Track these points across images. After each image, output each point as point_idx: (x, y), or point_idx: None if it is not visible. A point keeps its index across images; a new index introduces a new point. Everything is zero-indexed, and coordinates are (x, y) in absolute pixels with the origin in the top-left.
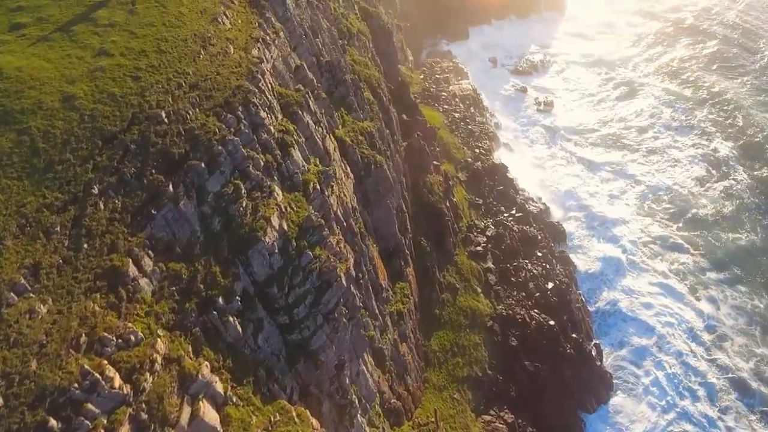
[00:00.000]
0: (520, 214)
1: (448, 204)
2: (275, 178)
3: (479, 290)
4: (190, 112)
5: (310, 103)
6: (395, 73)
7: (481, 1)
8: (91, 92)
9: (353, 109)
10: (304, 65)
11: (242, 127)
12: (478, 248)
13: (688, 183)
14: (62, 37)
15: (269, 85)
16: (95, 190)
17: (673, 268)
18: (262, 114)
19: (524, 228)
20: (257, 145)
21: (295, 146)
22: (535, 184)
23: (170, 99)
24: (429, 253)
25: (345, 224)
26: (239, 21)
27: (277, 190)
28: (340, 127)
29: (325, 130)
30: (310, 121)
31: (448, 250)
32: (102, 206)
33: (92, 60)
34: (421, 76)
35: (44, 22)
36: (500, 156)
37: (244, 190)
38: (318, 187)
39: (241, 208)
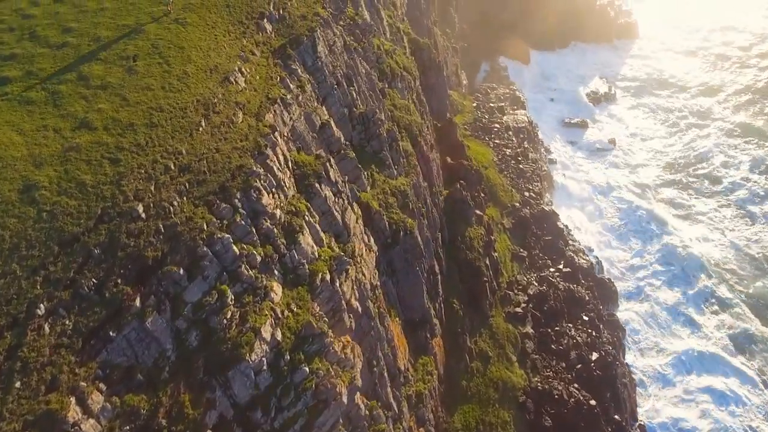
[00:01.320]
0: (568, 269)
1: (487, 261)
2: (276, 272)
3: (514, 359)
4: (176, 203)
5: (331, 172)
6: (443, 110)
7: (545, 24)
8: (58, 180)
9: (386, 166)
10: (331, 122)
11: (238, 219)
12: (518, 309)
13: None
14: (46, 100)
15: (281, 157)
16: (41, 311)
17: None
18: (266, 199)
19: (571, 286)
20: (255, 238)
21: (305, 230)
22: (588, 235)
23: (152, 188)
24: (461, 317)
25: (361, 309)
26: (257, 77)
27: (276, 288)
28: (368, 188)
29: (347, 201)
30: (329, 194)
31: (483, 311)
32: (47, 330)
33: (70, 134)
34: (474, 104)
35: (32, 78)
36: (552, 199)
37: (231, 297)
38: (328, 277)
39: (225, 320)
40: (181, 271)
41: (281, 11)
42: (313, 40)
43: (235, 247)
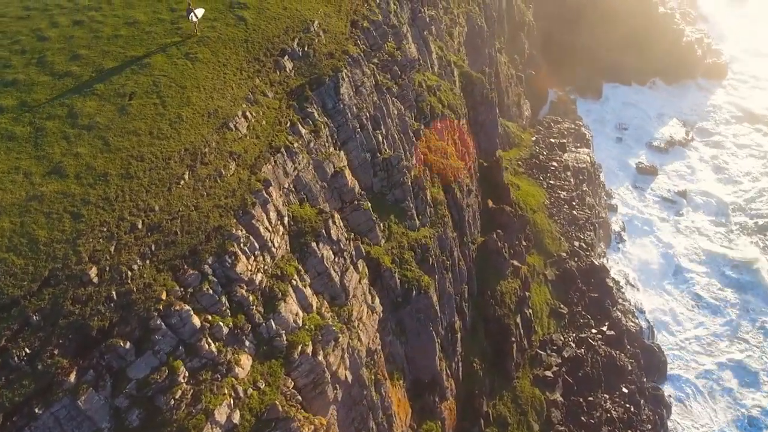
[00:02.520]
0: (612, 332)
1: (519, 319)
2: (247, 343)
3: (536, 428)
4: (135, 267)
5: (333, 229)
6: (493, 148)
7: (624, 58)
8: (10, 234)
9: (408, 217)
10: (345, 171)
11: (206, 287)
12: (548, 373)
13: None
14: (28, 136)
15: (273, 215)
16: None
17: None
18: (241, 266)
19: (613, 352)
20: (225, 307)
21: (289, 296)
22: (643, 294)
23: (112, 249)
24: (480, 378)
25: (351, 378)
26: (264, 122)
27: (244, 361)
28: (382, 242)
29: (350, 259)
30: (328, 253)
31: (507, 373)
32: None
33: (39, 180)
34: (534, 138)
35: (23, 109)
36: (605, 251)
37: (184, 374)
38: (309, 349)
39: (174, 399)
40: (128, 345)
41: (306, 48)
42: (337, 81)
43: (196, 320)
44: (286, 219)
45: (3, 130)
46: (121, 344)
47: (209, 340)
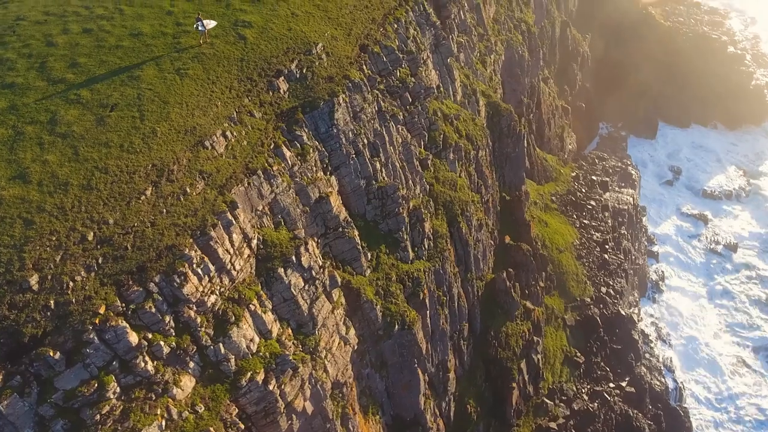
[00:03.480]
0: (632, 389)
1: (524, 363)
2: (192, 364)
3: None
4: (78, 279)
5: (305, 256)
6: (518, 182)
7: (683, 96)
8: None
9: (400, 248)
10: (331, 196)
11: (149, 305)
12: (552, 425)
13: None
14: (6, 140)
15: (237, 237)
16: None
17: None
18: (189, 287)
19: (631, 411)
20: (168, 327)
21: (245, 321)
22: (675, 352)
23: (57, 258)
24: (473, 422)
25: (312, 410)
26: (245, 142)
27: (185, 383)
28: (367, 272)
29: (322, 288)
30: (296, 280)
31: (505, 420)
32: None
33: (3, 184)
34: (574, 173)
35: (12, 112)
36: (637, 300)
37: (114, 389)
38: (260, 377)
39: (100, 414)
40: (58, 355)
41: (304, 70)
42: (332, 106)
43: (133, 337)
44: (254, 242)
45: None
46: (51, 354)
47: (147, 358)
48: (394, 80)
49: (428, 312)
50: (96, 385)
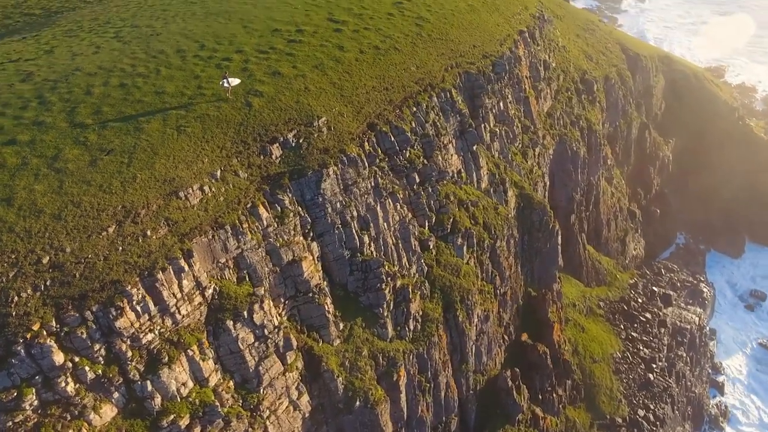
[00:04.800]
0: None
1: None
2: (116, 395)
3: None
4: (23, 295)
5: (258, 314)
6: (548, 279)
7: None
8: None
9: (378, 324)
10: (304, 262)
11: (80, 331)
12: None
13: None
14: (13, 167)
15: (189, 283)
16: None
17: None
18: (123, 321)
19: None
20: (98, 355)
21: (179, 364)
22: None
23: (11, 274)
24: None
25: None
26: (221, 198)
27: (105, 411)
28: (335, 341)
29: (274, 349)
30: (246, 336)
31: None
32: None
33: None
34: (632, 281)
35: (28, 145)
36: None
37: (32, 401)
38: (183, 422)
39: (12, 422)
40: None
41: (300, 140)
42: (320, 176)
43: (59, 357)
44: (209, 291)
45: (0, 159)
46: None
47: (69, 379)
48: (400, 160)
49: (403, 395)
50: (15, 394)
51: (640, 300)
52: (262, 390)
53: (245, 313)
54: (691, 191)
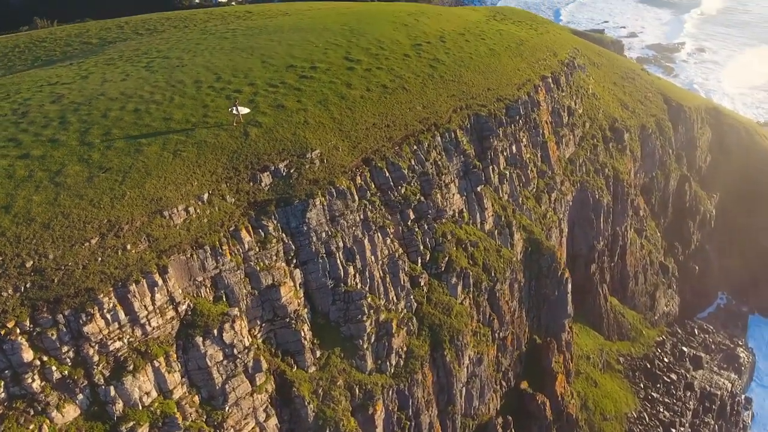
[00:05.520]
0: None
1: None
2: (80, 396)
3: None
4: (5, 294)
5: (228, 334)
6: (557, 328)
7: None
8: None
9: (358, 356)
10: (280, 288)
11: (51, 332)
12: None
13: None
14: (19, 179)
15: (162, 297)
16: None
17: None
18: (93, 327)
19: None
20: (65, 356)
21: (144, 374)
22: None
23: None
24: None
25: None
26: (205, 220)
27: (67, 410)
28: (309, 368)
29: (243, 369)
30: (215, 353)
31: None
32: None
33: None
34: (660, 338)
35: (38, 159)
36: None
37: (0, 393)
38: (142, 429)
39: None
40: None
41: (292, 170)
42: (306, 205)
43: (28, 354)
44: (183, 307)
45: (11, 169)
46: None
47: (36, 376)
48: (395, 195)
49: (379, 430)
50: None
51: (666, 359)
52: (227, 408)
53: (215, 331)
54: (735, 250)
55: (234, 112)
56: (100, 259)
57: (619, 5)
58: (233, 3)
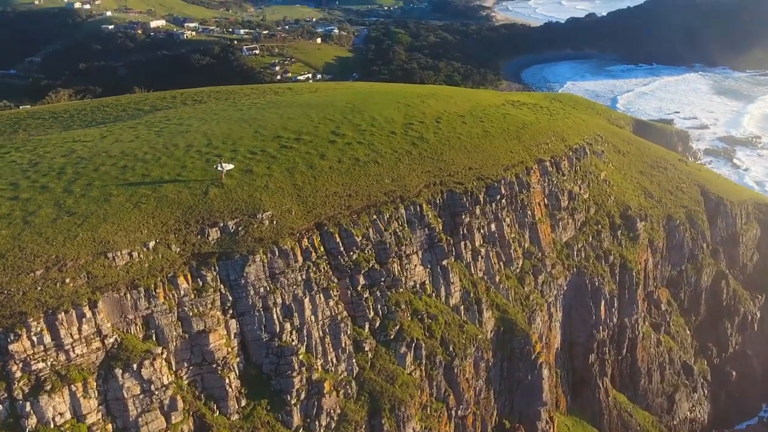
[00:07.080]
0: None
1: None
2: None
3: None
4: None
5: (148, 371)
6: (532, 414)
7: None
8: None
9: (285, 411)
10: (210, 335)
11: None
12: None
13: None
14: (6, 213)
15: (90, 327)
16: None
17: None
18: (18, 346)
19: None
20: None
21: (60, 396)
22: None
23: None
24: None
25: None
26: (146, 265)
27: None
28: (232, 416)
29: (160, 405)
30: (132, 387)
31: None
32: None
33: None
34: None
35: (19, 200)
36: None
37: None
38: None
39: None
40: None
41: (240, 228)
42: (245, 260)
43: None
44: (110, 340)
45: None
46: None
47: None
48: (344, 260)
49: None
50: None
51: None
52: None
53: (135, 365)
54: None
55: (219, 168)
56: (39, 288)
57: (690, 95)
58: (310, 80)
